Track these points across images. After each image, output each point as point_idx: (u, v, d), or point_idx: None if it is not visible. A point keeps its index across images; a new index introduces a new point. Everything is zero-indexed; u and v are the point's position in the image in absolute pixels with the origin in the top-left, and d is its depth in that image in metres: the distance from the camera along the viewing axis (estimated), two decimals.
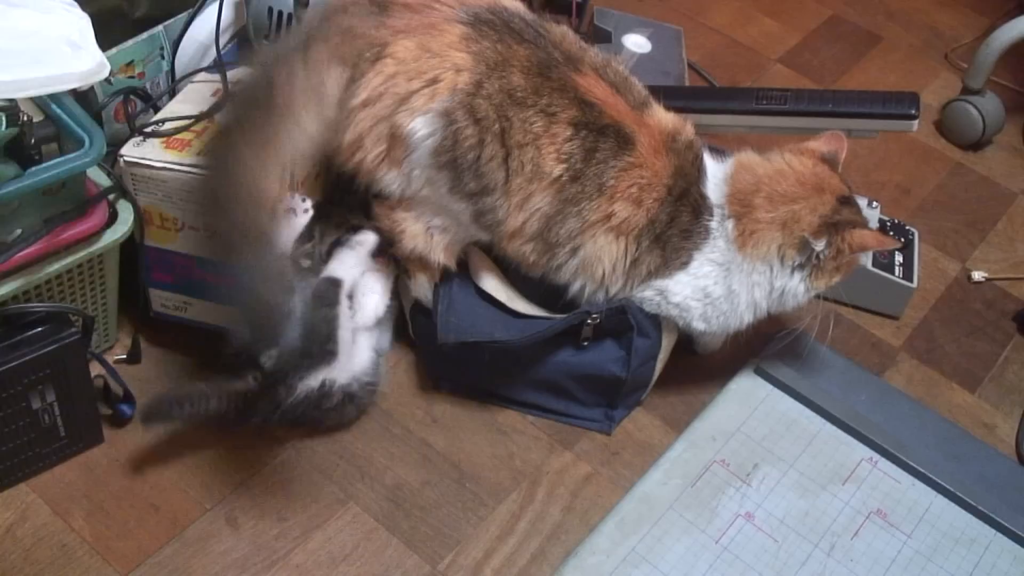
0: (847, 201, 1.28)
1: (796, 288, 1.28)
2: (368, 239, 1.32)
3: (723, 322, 1.31)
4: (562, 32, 1.26)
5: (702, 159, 1.29)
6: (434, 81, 1.18)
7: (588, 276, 1.26)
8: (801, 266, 1.27)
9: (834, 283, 1.29)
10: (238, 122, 1.16)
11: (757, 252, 1.26)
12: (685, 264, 1.27)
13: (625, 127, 1.22)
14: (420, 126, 1.19)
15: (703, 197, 1.27)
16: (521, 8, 1.27)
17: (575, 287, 1.28)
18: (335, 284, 1.28)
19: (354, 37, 1.18)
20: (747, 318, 1.31)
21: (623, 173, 1.21)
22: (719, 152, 1.34)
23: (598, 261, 1.25)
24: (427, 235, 1.28)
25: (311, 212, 1.30)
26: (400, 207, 1.27)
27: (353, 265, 1.31)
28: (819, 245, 1.25)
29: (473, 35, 1.19)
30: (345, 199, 1.34)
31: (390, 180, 1.24)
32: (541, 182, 1.20)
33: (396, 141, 1.20)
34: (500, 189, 1.20)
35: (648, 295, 1.29)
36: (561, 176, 1.20)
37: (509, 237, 1.25)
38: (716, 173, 1.29)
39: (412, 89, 1.18)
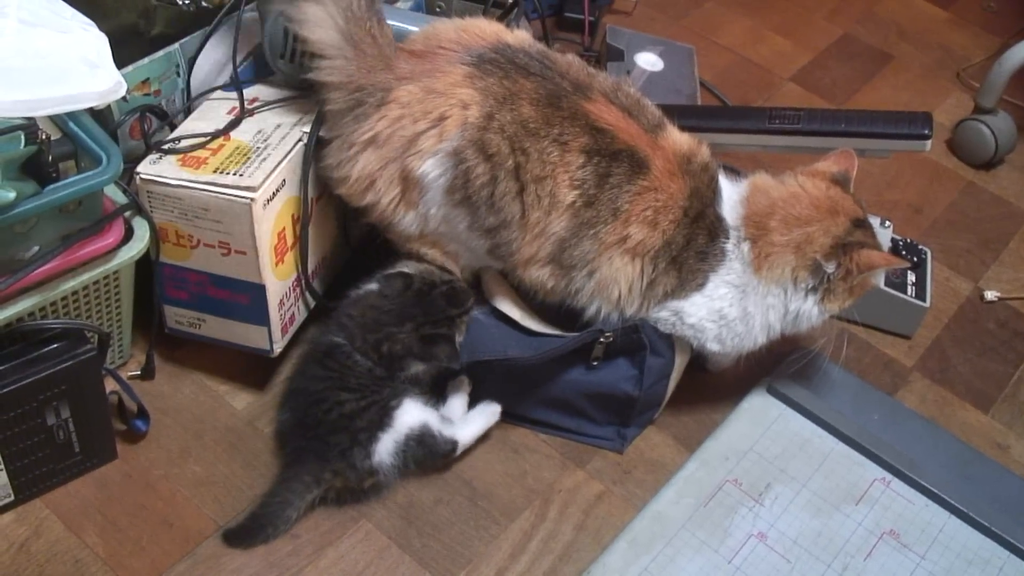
0: (861, 224, 1.28)
1: (810, 311, 1.28)
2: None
3: (738, 343, 1.30)
4: (568, 61, 1.26)
5: (717, 181, 1.29)
6: (441, 119, 1.18)
7: (604, 298, 1.26)
8: (814, 289, 1.27)
9: (848, 305, 1.28)
10: None
11: (772, 275, 1.26)
12: (701, 286, 1.27)
13: (638, 151, 1.22)
14: (431, 168, 1.19)
15: (719, 219, 1.27)
16: (526, 42, 1.27)
17: (592, 309, 1.28)
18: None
19: (368, 68, 1.20)
20: (761, 339, 1.31)
21: (637, 197, 1.21)
22: (734, 173, 1.34)
23: (614, 283, 1.24)
24: (443, 258, 1.30)
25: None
26: (416, 240, 1.28)
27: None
28: (830, 267, 1.25)
29: (478, 73, 1.20)
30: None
31: (408, 222, 1.25)
32: (558, 211, 1.20)
33: (409, 184, 1.21)
34: (517, 223, 1.21)
35: (663, 316, 1.29)
36: (575, 202, 1.20)
37: (524, 264, 1.25)
38: (731, 195, 1.30)
39: (419, 131, 1.19)
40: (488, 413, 1.33)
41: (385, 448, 1.23)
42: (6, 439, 1.16)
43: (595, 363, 1.31)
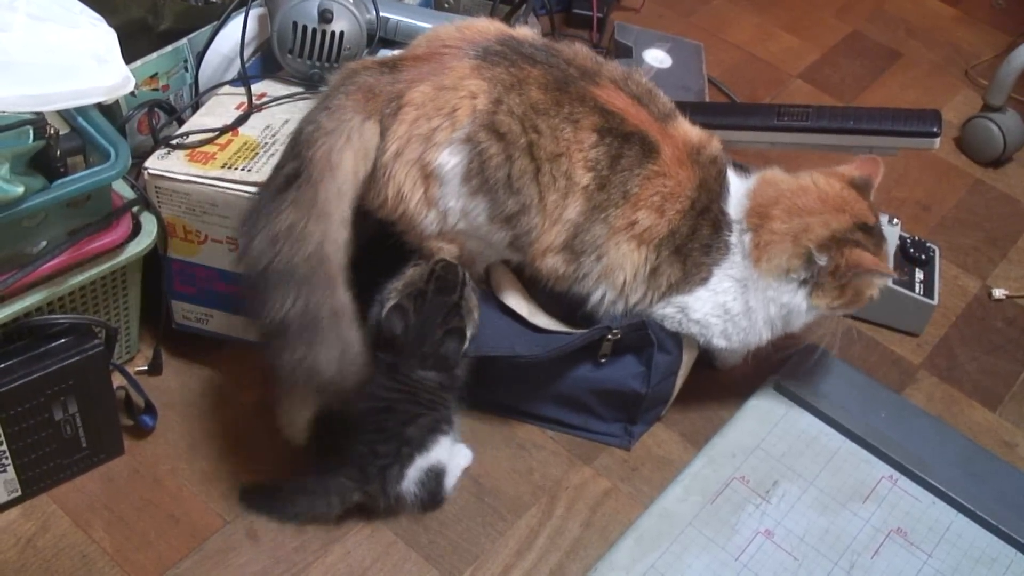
0: (868, 229, 1.25)
1: (799, 305, 1.26)
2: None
3: (743, 339, 1.29)
4: (575, 50, 1.26)
5: (726, 175, 1.28)
6: (453, 111, 1.18)
7: (609, 284, 1.25)
8: (805, 281, 1.25)
9: (836, 306, 1.26)
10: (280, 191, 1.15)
11: (769, 266, 1.24)
12: (705, 280, 1.26)
13: (649, 135, 1.22)
14: (446, 158, 1.19)
15: (723, 213, 1.26)
16: (531, 35, 1.27)
17: (596, 296, 1.27)
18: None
19: (374, 94, 1.19)
20: (766, 335, 1.30)
21: (647, 181, 1.21)
22: (743, 170, 1.33)
23: (620, 268, 1.24)
24: (459, 253, 1.29)
25: None
26: (435, 238, 1.27)
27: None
28: (821, 259, 1.23)
29: (485, 64, 1.20)
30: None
31: (429, 221, 1.23)
32: (574, 194, 1.20)
33: (429, 181, 1.20)
34: (536, 207, 1.20)
35: (669, 312, 1.29)
36: (589, 185, 1.20)
37: (542, 254, 1.24)
38: (739, 189, 1.29)
39: (433, 127, 1.18)
40: (463, 457, 1.32)
41: (414, 474, 1.21)
42: (13, 434, 1.16)
43: (602, 360, 1.31)
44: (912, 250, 1.59)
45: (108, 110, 1.29)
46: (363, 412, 1.21)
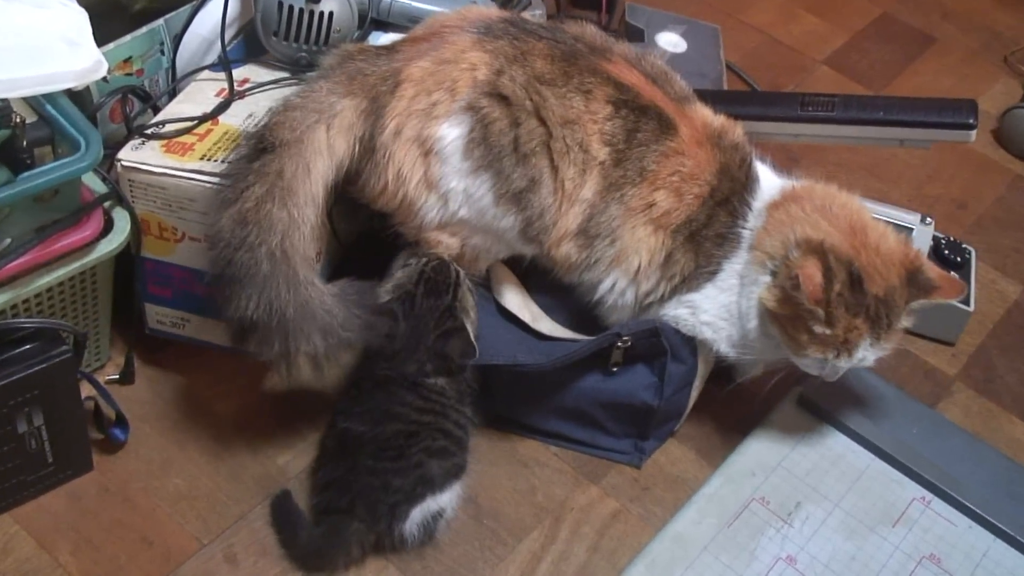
0: (859, 286, 1.15)
1: (755, 298, 1.20)
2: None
3: (751, 348, 1.25)
4: (581, 27, 1.26)
5: (751, 165, 1.26)
6: (453, 84, 1.17)
7: (622, 270, 1.23)
8: (773, 273, 1.19)
9: (772, 309, 1.18)
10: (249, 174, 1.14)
11: (760, 252, 1.20)
12: (713, 274, 1.24)
13: (665, 112, 1.21)
14: (446, 131, 1.17)
15: (743, 203, 1.24)
16: (534, 20, 1.27)
17: (607, 284, 1.25)
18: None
19: (362, 75, 1.19)
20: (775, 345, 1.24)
21: (664, 159, 1.20)
22: (782, 172, 1.30)
23: (635, 253, 1.22)
24: (460, 250, 1.26)
25: None
26: (435, 229, 1.24)
27: None
28: (794, 252, 1.18)
29: (487, 39, 1.20)
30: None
31: (429, 207, 1.21)
32: (591, 170, 1.19)
33: (429, 159, 1.18)
34: (548, 184, 1.18)
35: (682, 313, 1.26)
36: (606, 160, 1.19)
37: (558, 241, 1.22)
38: (774, 184, 1.27)
39: (433, 101, 1.18)
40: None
41: (419, 516, 1.16)
42: None
43: (614, 369, 1.27)
44: (947, 252, 1.54)
45: (78, 97, 1.26)
46: (386, 435, 1.17)
